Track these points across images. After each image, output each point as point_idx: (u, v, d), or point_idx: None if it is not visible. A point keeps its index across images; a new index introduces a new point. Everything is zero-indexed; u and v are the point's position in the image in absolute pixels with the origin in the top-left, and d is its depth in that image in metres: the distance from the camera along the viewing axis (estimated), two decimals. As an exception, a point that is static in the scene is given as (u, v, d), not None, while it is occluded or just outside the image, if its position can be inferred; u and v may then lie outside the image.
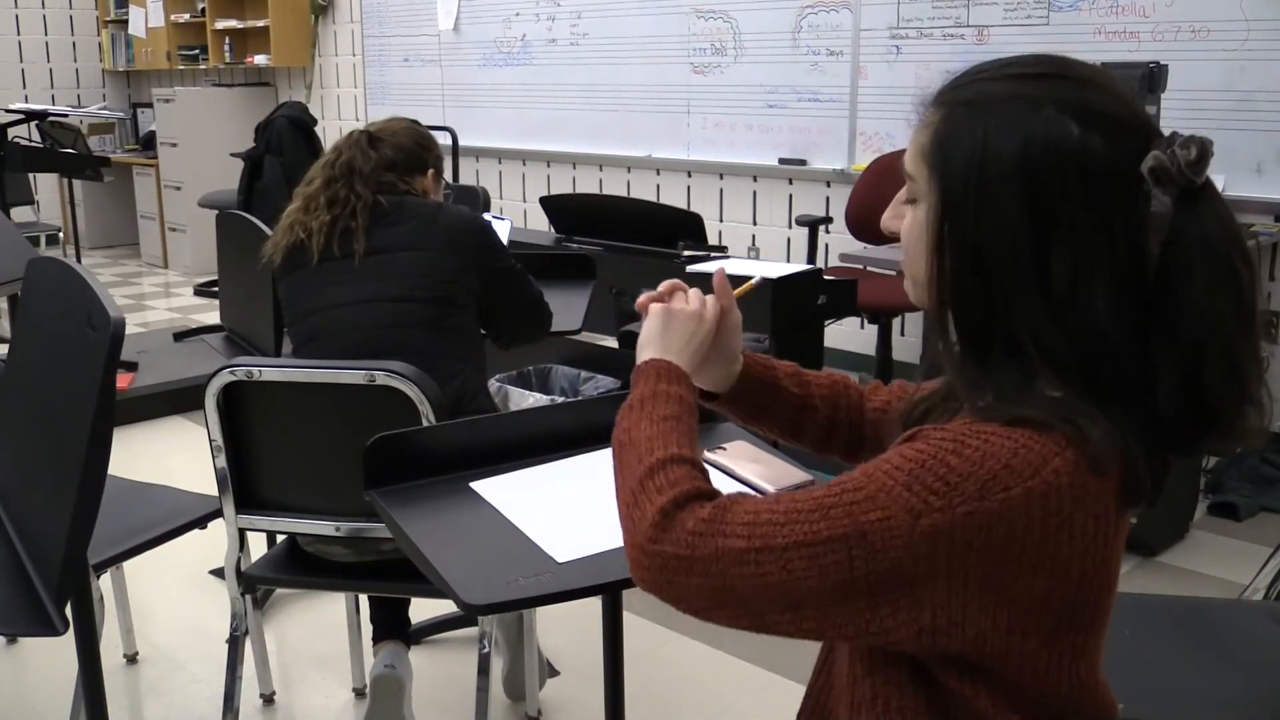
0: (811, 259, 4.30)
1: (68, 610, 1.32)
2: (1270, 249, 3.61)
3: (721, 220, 5.18)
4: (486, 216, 2.84)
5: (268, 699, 2.45)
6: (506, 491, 1.42)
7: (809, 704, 1.17)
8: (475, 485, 1.41)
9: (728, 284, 1.30)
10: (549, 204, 4.32)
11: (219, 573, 2.96)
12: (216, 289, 3.71)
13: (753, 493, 1.02)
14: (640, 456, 1.04)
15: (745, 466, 1.51)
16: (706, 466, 1.07)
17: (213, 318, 5.09)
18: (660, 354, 1.19)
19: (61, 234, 7.13)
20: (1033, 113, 0.94)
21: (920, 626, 0.90)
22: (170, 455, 4.02)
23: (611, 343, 4.11)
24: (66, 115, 6.43)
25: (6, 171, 5.73)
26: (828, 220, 4.59)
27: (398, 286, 2.16)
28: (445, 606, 2.62)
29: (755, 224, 5.09)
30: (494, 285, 2.30)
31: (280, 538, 2.29)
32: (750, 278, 1.39)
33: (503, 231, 2.86)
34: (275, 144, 5.11)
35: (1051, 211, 0.93)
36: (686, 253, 3.68)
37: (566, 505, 1.38)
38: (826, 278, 3.48)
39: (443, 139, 2.54)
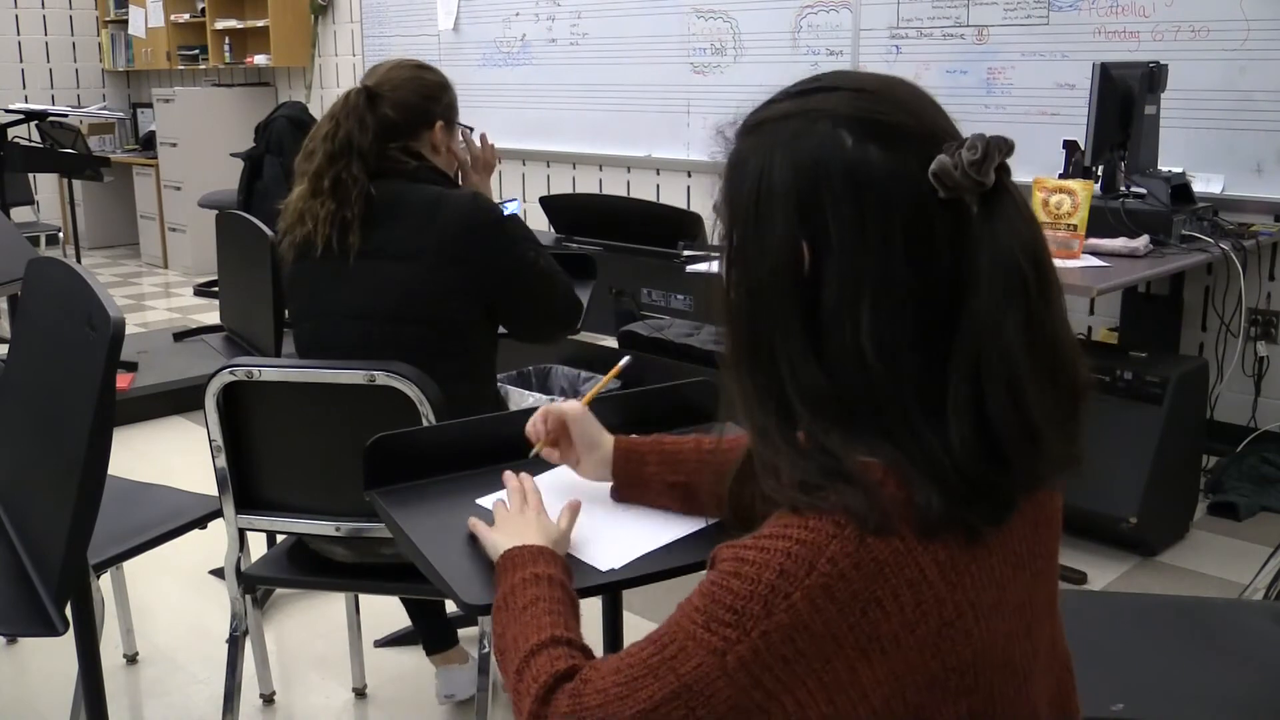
0: (811, 259, 4.29)
1: (68, 610, 1.33)
2: (1270, 249, 3.61)
3: (721, 220, 5.18)
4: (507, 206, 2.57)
5: (268, 699, 2.45)
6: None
7: None
8: (480, 501, 1.40)
9: (546, 420, 1.42)
10: (549, 204, 4.31)
11: (219, 573, 2.95)
12: (216, 289, 3.71)
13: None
14: (511, 660, 1.05)
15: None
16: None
17: (213, 318, 5.09)
18: (512, 540, 1.19)
19: (61, 234, 7.13)
20: (807, 129, 0.90)
21: None
22: (170, 455, 4.01)
23: (611, 343, 4.11)
24: (66, 115, 6.43)
25: (6, 171, 5.73)
26: (828, 220, 4.58)
27: (391, 303, 2.05)
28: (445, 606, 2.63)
29: (755, 224, 5.08)
30: (507, 286, 2.12)
31: (280, 538, 2.29)
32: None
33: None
34: (275, 144, 5.12)
35: (824, 234, 0.87)
36: (686, 253, 3.68)
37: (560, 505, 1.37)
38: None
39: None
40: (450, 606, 2.29)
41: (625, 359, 1.59)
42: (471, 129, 2.33)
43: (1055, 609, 1.02)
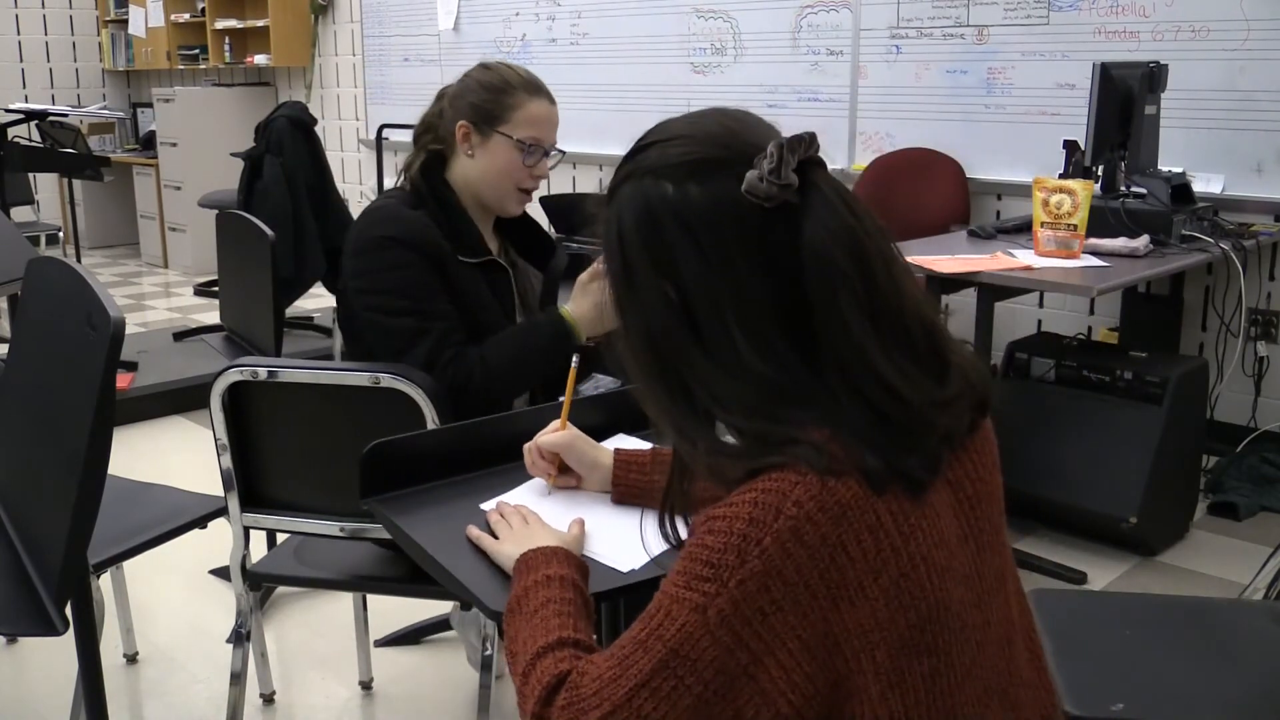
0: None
1: (68, 610, 1.33)
2: (1270, 249, 3.61)
3: (721, 220, 5.18)
4: None
5: (268, 699, 2.45)
6: (510, 500, 1.41)
7: None
8: (483, 506, 1.40)
9: (544, 450, 1.44)
10: (549, 204, 4.32)
11: (219, 572, 2.96)
12: (216, 289, 3.71)
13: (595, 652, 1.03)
14: (519, 663, 1.07)
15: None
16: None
17: (213, 318, 5.09)
18: (523, 546, 1.21)
19: (61, 234, 7.13)
20: (638, 188, 0.99)
21: (779, 712, 0.90)
22: (170, 455, 4.02)
23: (611, 343, 4.11)
24: (66, 115, 6.42)
25: (6, 171, 5.72)
26: (828, 220, 4.58)
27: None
28: (445, 606, 2.63)
29: (755, 224, 5.09)
30: (364, 316, 2.01)
31: (281, 537, 2.29)
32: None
33: None
34: (275, 144, 5.09)
35: (678, 274, 0.96)
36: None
37: (567, 512, 1.38)
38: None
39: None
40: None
41: (574, 359, 1.56)
42: (564, 153, 2.12)
43: (1012, 584, 1.06)
